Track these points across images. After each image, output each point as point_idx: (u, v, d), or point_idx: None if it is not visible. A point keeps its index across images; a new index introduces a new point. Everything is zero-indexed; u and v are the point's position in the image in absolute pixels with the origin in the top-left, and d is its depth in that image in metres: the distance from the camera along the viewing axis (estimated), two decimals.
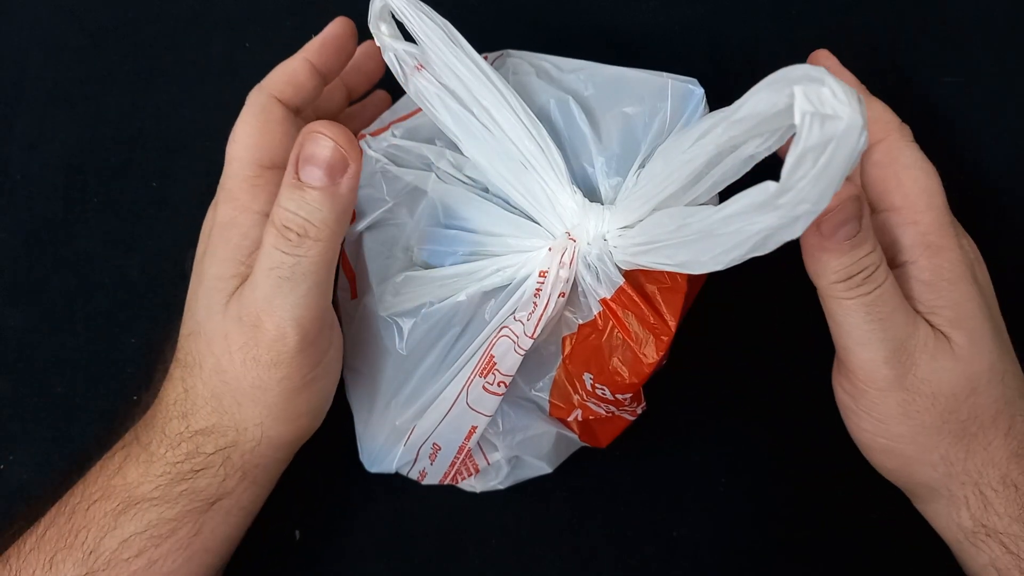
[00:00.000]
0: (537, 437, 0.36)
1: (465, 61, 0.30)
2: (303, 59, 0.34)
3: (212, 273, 0.31)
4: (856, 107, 0.21)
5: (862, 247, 0.29)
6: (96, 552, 0.30)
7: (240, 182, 0.32)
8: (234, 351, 0.30)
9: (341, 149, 0.28)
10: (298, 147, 0.29)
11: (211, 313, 0.31)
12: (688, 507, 0.39)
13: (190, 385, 0.31)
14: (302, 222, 0.28)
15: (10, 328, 0.42)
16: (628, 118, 0.32)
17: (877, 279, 0.30)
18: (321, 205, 0.28)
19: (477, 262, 0.32)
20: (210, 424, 0.31)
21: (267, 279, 0.29)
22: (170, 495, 0.31)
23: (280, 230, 0.29)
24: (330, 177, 0.28)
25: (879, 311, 0.30)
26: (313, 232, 0.29)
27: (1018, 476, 0.31)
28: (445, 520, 0.39)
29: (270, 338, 0.29)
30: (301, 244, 0.29)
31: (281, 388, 0.30)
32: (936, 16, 0.45)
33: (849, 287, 0.30)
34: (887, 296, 0.30)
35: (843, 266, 0.30)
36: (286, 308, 0.29)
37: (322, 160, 0.28)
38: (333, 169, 0.28)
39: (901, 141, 0.33)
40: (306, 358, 0.30)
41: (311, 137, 0.28)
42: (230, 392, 0.31)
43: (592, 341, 0.33)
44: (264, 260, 0.29)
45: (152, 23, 0.46)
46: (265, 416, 0.31)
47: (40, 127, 0.44)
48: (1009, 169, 0.43)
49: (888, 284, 0.30)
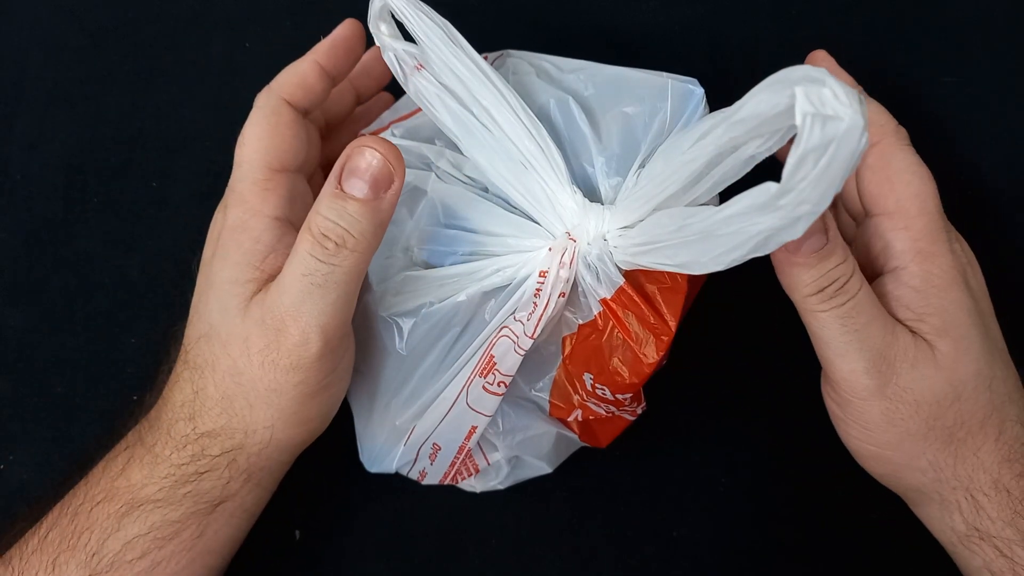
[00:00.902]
0: (537, 437, 0.36)
1: (465, 61, 0.30)
2: (312, 61, 0.34)
3: (225, 276, 0.31)
4: (857, 108, 0.21)
5: (831, 258, 0.29)
6: (99, 554, 0.30)
7: (250, 185, 0.32)
8: (253, 354, 0.30)
9: (389, 165, 0.29)
10: (344, 158, 0.29)
11: (227, 316, 0.31)
12: (688, 507, 0.39)
13: (200, 387, 0.31)
14: (342, 232, 0.29)
15: (10, 328, 0.42)
16: (628, 118, 0.32)
17: (850, 290, 0.30)
18: (361, 217, 0.29)
19: (477, 262, 0.32)
20: (218, 426, 0.31)
21: (299, 284, 0.29)
22: (174, 497, 0.31)
23: (318, 238, 0.29)
24: (374, 191, 0.29)
25: (854, 322, 0.30)
26: (351, 243, 0.29)
27: (1010, 480, 0.31)
28: (445, 520, 0.39)
29: (293, 343, 0.29)
30: (338, 253, 0.29)
31: (297, 392, 0.30)
32: (936, 16, 0.45)
33: (822, 299, 0.30)
34: (862, 306, 0.30)
35: (813, 279, 0.29)
36: (313, 315, 0.29)
37: (369, 173, 0.28)
38: (378, 183, 0.29)
39: (895, 145, 0.33)
40: (324, 364, 0.30)
41: (360, 150, 0.29)
42: (243, 394, 0.31)
43: (592, 341, 0.33)
44: (297, 266, 0.29)
45: (152, 23, 0.46)
46: (276, 419, 0.31)
47: (40, 127, 0.44)
48: (1009, 169, 0.43)
49: (863, 294, 0.30)
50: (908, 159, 0.33)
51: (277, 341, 0.30)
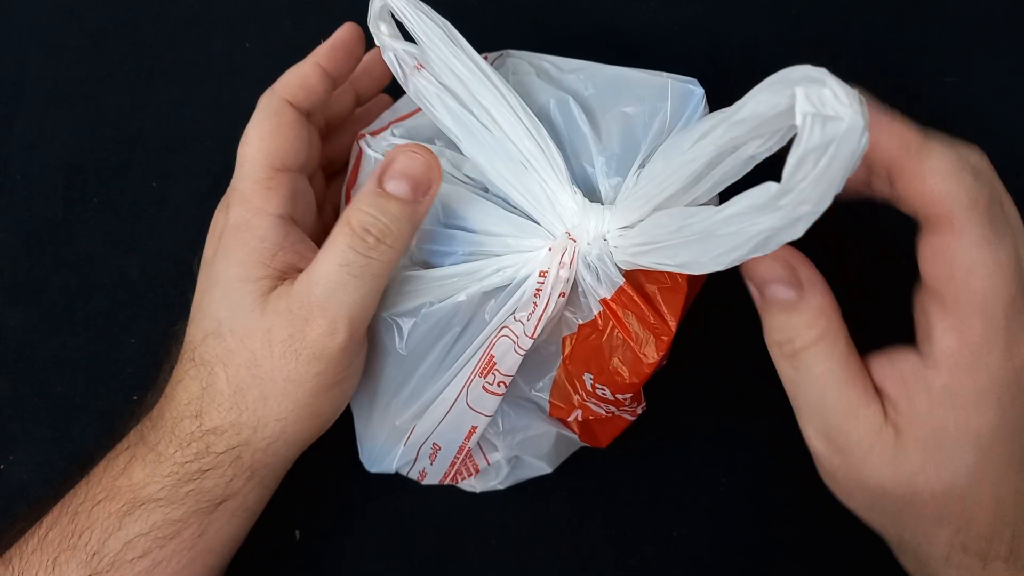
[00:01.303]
0: (537, 437, 0.36)
1: (465, 61, 0.31)
2: (314, 63, 0.34)
3: (233, 275, 0.31)
4: (857, 108, 0.21)
5: (794, 316, 0.28)
6: (100, 554, 0.30)
7: (253, 184, 0.32)
8: (275, 344, 0.30)
9: (431, 172, 0.31)
10: (388, 160, 0.31)
11: (240, 311, 0.31)
12: (688, 507, 0.39)
13: (208, 383, 0.31)
14: (383, 227, 0.30)
15: (10, 328, 0.42)
16: (628, 118, 0.32)
17: (806, 361, 0.28)
18: (400, 215, 0.30)
19: (477, 262, 0.32)
20: (226, 422, 0.31)
21: (335, 275, 0.30)
22: (176, 496, 0.31)
23: (359, 232, 0.30)
24: (414, 193, 0.31)
25: (804, 391, 0.29)
26: (390, 239, 0.30)
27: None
28: (445, 520, 0.39)
29: (320, 332, 0.30)
30: (377, 247, 0.30)
31: (315, 383, 0.31)
32: (936, 16, 0.45)
33: (781, 353, 0.29)
34: (815, 380, 0.28)
35: (772, 328, 0.29)
36: (344, 305, 0.30)
37: (411, 176, 0.30)
38: (418, 186, 0.31)
39: (964, 231, 0.26)
40: (344, 356, 0.31)
41: (405, 154, 0.31)
42: (258, 385, 0.31)
43: (592, 341, 0.33)
44: (334, 257, 0.30)
45: (152, 23, 0.46)
46: (290, 410, 0.31)
47: (40, 127, 0.44)
48: (1009, 169, 0.43)
49: (824, 369, 0.28)
50: (977, 252, 0.26)
51: (303, 331, 0.30)
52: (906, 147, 0.27)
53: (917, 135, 0.27)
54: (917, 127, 0.28)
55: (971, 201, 0.26)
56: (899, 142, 0.27)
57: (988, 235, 0.26)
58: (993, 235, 0.26)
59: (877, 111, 0.27)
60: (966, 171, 0.26)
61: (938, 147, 0.27)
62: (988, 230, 0.26)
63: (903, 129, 0.27)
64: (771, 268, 0.28)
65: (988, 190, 0.26)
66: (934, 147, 0.27)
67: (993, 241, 0.26)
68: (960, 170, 0.26)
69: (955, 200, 0.26)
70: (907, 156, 0.27)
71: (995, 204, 0.27)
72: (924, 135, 0.27)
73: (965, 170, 0.26)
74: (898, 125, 0.27)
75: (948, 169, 0.26)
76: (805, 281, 0.28)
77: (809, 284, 0.28)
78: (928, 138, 0.27)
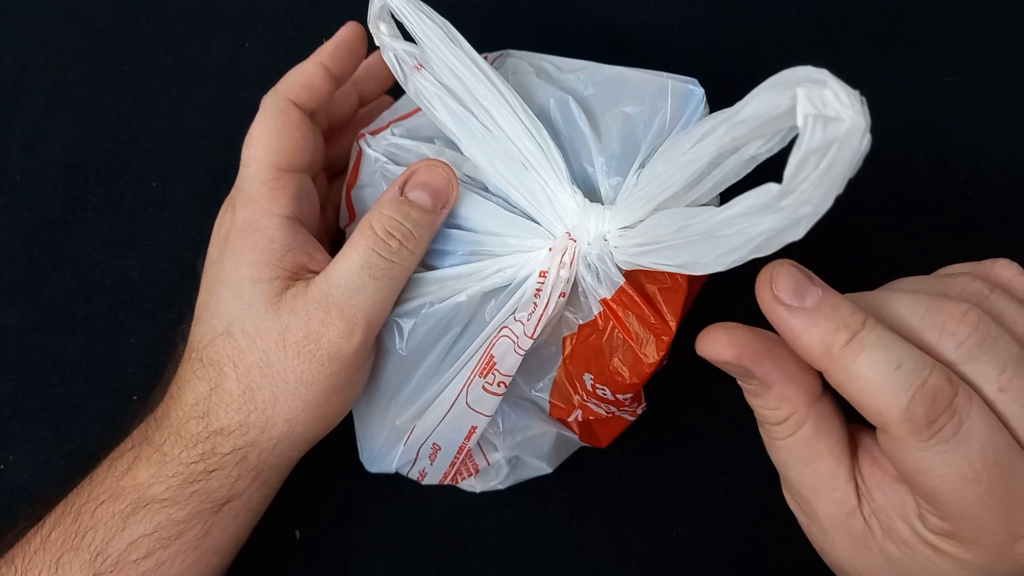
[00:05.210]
0: (537, 437, 0.36)
1: (465, 61, 0.31)
2: (317, 63, 0.34)
3: (243, 275, 0.32)
4: (859, 109, 0.21)
5: (755, 400, 0.28)
6: (103, 554, 0.30)
7: (259, 185, 0.32)
8: (289, 344, 0.31)
9: (451, 185, 0.32)
10: (411, 171, 0.32)
11: (253, 312, 0.31)
12: (688, 507, 0.39)
13: (217, 383, 0.31)
14: (406, 231, 0.31)
15: (10, 328, 0.42)
16: (628, 118, 0.32)
17: (770, 432, 0.28)
18: (422, 222, 0.31)
19: (477, 262, 0.32)
20: (233, 422, 0.31)
21: (356, 277, 0.31)
22: (181, 496, 0.31)
23: (382, 235, 0.31)
24: (434, 203, 0.32)
25: (775, 456, 0.29)
26: (412, 244, 0.31)
27: None
28: (445, 520, 0.39)
29: (336, 333, 0.30)
30: (400, 251, 0.31)
31: (327, 384, 0.31)
32: (936, 16, 0.45)
33: (761, 423, 0.29)
34: (781, 453, 0.28)
35: (753, 405, 0.29)
36: (362, 307, 0.31)
37: (433, 187, 0.32)
38: (438, 197, 0.32)
39: (903, 441, 0.23)
40: (358, 358, 0.31)
41: (429, 166, 0.32)
42: (270, 385, 0.31)
43: (592, 341, 0.33)
44: (356, 259, 0.31)
45: (152, 23, 0.46)
46: (300, 411, 0.31)
47: (40, 127, 0.44)
48: (1009, 169, 0.43)
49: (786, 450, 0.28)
50: (922, 456, 0.23)
51: (319, 332, 0.31)
52: (827, 351, 0.24)
53: (843, 331, 0.24)
54: (850, 307, 0.24)
55: (904, 413, 0.23)
56: (819, 343, 0.24)
57: (931, 444, 0.23)
58: (937, 442, 0.23)
59: (800, 297, 0.24)
60: (898, 377, 0.23)
61: (867, 349, 0.23)
62: (927, 440, 0.23)
63: (826, 325, 0.24)
64: (735, 368, 0.27)
65: (932, 388, 0.23)
66: (863, 347, 0.23)
67: (938, 446, 0.23)
68: (889, 376, 0.23)
69: (887, 412, 0.23)
70: (829, 359, 0.24)
71: (941, 403, 0.23)
72: (852, 328, 0.24)
73: (897, 376, 0.23)
74: (822, 318, 0.24)
75: (877, 377, 0.23)
76: (768, 370, 0.26)
77: (774, 372, 0.26)
78: (857, 332, 0.23)
